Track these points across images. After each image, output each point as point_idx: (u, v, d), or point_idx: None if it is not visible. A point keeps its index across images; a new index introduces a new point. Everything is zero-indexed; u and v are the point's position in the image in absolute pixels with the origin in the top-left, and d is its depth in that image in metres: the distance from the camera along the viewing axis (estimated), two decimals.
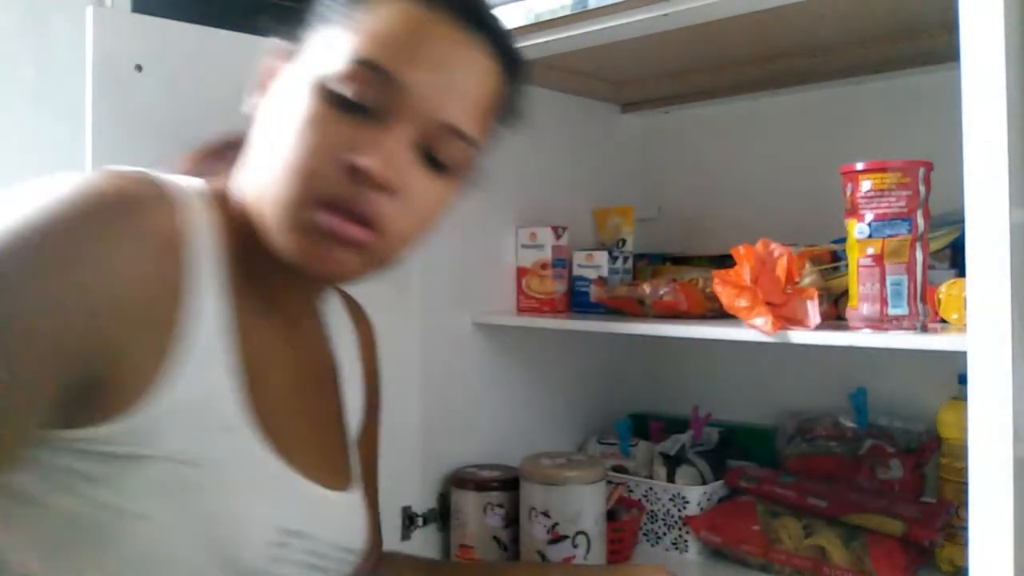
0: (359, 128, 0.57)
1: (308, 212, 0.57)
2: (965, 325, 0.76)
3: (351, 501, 0.70)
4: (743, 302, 0.99)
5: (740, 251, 1.02)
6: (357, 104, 0.57)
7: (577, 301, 1.38)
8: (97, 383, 0.52)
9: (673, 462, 1.30)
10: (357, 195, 0.57)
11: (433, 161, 0.61)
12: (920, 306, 0.89)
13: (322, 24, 0.61)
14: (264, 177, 0.59)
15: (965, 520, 0.75)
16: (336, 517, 0.66)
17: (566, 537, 1.14)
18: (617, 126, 1.62)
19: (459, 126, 0.60)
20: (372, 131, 0.57)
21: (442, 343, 1.30)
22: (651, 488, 1.29)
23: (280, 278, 0.64)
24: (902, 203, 0.89)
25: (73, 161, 0.99)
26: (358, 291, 1.22)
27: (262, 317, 0.63)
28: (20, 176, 0.60)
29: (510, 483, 1.22)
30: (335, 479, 0.68)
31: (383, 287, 1.23)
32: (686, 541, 1.26)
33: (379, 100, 0.57)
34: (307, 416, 0.67)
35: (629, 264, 1.41)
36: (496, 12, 0.66)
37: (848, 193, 0.93)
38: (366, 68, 0.57)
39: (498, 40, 0.63)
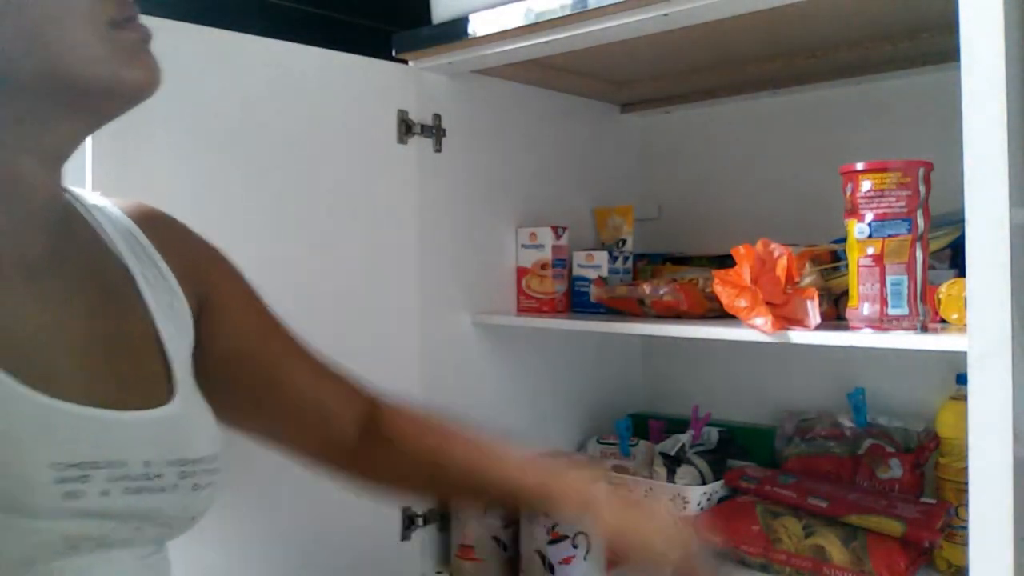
0: None
1: (113, 38, 0.59)
2: (965, 325, 0.76)
3: (170, 413, 0.67)
4: (743, 302, 0.99)
5: (740, 251, 1.02)
6: None
7: (577, 301, 1.38)
8: None
9: (673, 462, 1.30)
10: (127, 5, 0.61)
11: None
12: (920, 306, 0.89)
13: None
14: (39, 47, 0.58)
15: (965, 520, 0.76)
16: (146, 435, 0.64)
17: (566, 537, 1.14)
18: (617, 126, 1.62)
19: None
20: None
21: (442, 343, 1.30)
22: (651, 488, 1.29)
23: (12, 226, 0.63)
24: (902, 203, 0.89)
25: (72, 161, 0.99)
26: (352, 298, 1.23)
27: None
28: None
29: None
30: (144, 398, 0.66)
31: (383, 287, 1.24)
32: None
33: None
34: (93, 344, 0.65)
35: (629, 264, 1.41)
36: None
37: (848, 193, 0.93)
38: None
39: None
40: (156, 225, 0.76)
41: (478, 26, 1.15)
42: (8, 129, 0.60)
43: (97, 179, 0.94)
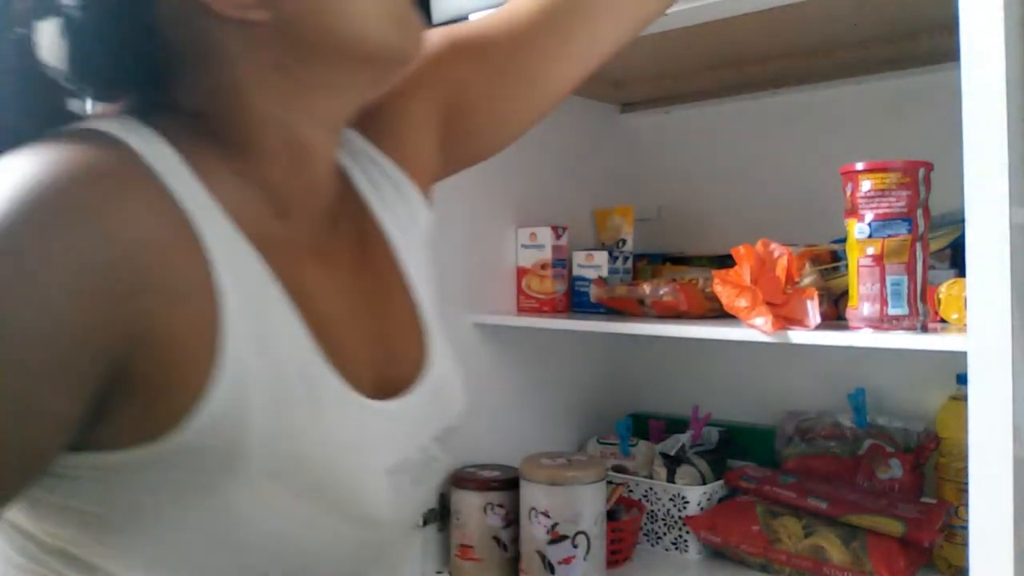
0: None
1: (398, 7, 0.58)
2: (965, 325, 0.76)
3: (435, 379, 0.63)
4: (743, 302, 0.99)
5: (740, 251, 1.02)
6: None
7: (577, 301, 1.38)
8: (142, 383, 0.46)
9: (673, 462, 1.30)
10: None
11: None
12: (920, 306, 0.89)
13: None
14: (343, 24, 0.55)
15: (965, 520, 0.75)
16: (421, 417, 0.60)
17: (566, 537, 1.14)
18: (617, 126, 1.62)
19: None
20: None
21: None
22: (651, 488, 1.29)
23: (282, 183, 0.58)
24: (902, 203, 0.89)
25: None
26: None
27: (280, 240, 0.56)
28: None
29: (510, 483, 1.22)
30: (409, 365, 0.62)
31: None
32: (686, 541, 1.26)
33: None
34: (367, 316, 0.62)
35: (629, 264, 1.41)
36: None
37: (848, 193, 0.93)
38: None
39: None
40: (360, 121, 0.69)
41: None
42: (301, 98, 0.57)
43: None
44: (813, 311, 0.97)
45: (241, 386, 0.48)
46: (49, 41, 0.53)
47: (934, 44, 1.18)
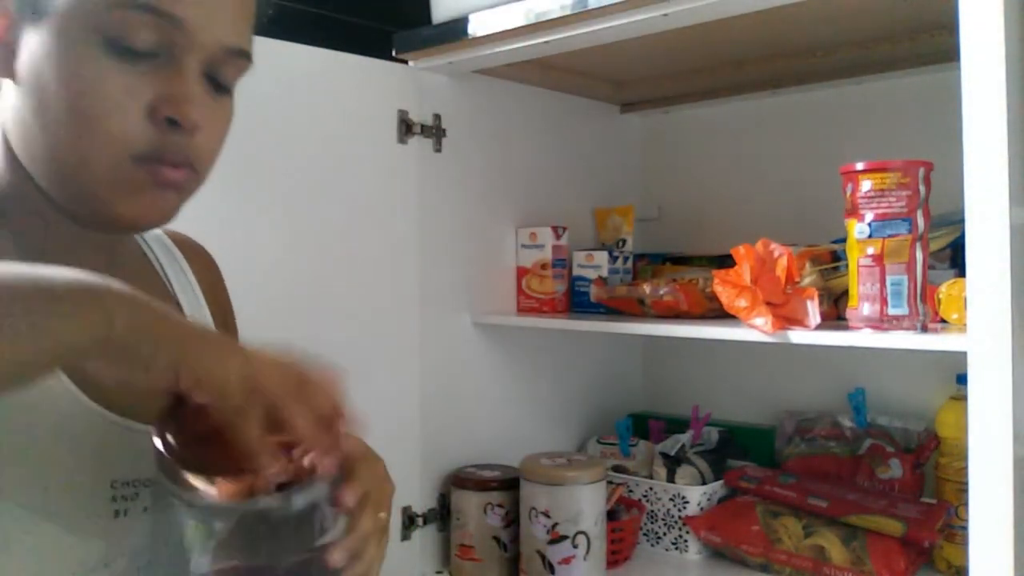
0: (151, 76, 0.56)
1: (127, 171, 0.57)
2: (965, 325, 0.76)
3: None
4: (743, 302, 0.99)
5: (740, 251, 1.02)
6: (141, 51, 0.56)
7: (577, 301, 1.38)
8: None
9: (673, 462, 1.30)
10: (170, 145, 0.58)
11: (216, 83, 0.61)
12: (920, 306, 0.89)
13: None
14: (62, 147, 0.57)
15: (965, 520, 0.75)
16: None
17: (566, 537, 1.14)
18: (617, 126, 1.62)
19: (241, 46, 0.61)
20: (165, 77, 0.57)
21: (442, 343, 1.30)
22: (651, 488, 1.29)
23: (67, 243, 0.61)
24: (902, 203, 0.89)
25: None
26: (352, 298, 1.23)
27: None
28: None
29: (510, 483, 1.22)
30: None
31: (383, 287, 1.24)
32: (686, 541, 1.26)
33: (161, 42, 0.56)
34: None
35: (629, 264, 1.41)
36: None
37: (848, 193, 0.93)
38: (139, 12, 0.55)
39: None
40: (197, 256, 0.76)
41: (478, 26, 1.15)
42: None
43: None
44: (813, 311, 0.97)
45: None
46: None
47: (934, 44, 1.18)
